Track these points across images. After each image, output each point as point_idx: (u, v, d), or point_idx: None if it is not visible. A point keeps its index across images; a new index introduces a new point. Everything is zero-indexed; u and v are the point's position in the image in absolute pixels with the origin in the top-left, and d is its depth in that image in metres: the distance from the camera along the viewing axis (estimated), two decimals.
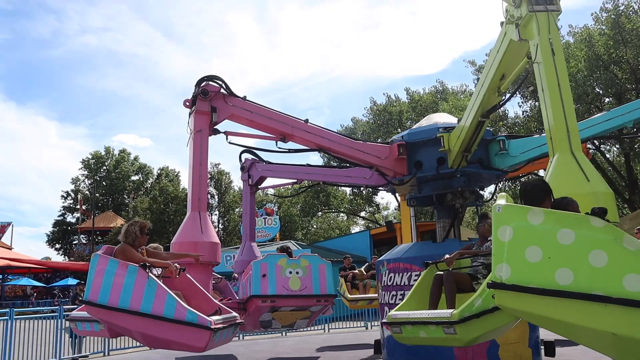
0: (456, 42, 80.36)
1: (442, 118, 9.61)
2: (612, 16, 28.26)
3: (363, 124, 42.10)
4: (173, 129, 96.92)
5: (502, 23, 6.32)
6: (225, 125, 8.16)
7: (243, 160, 9.87)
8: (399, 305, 5.48)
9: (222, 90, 7.79)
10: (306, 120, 8.33)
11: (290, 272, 7.73)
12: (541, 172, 12.65)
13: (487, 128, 8.43)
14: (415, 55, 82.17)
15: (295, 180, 9.97)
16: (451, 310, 4.49)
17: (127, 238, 5.79)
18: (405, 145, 8.52)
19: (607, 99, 29.44)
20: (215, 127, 7.92)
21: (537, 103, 31.93)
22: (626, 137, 22.02)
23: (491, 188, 12.51)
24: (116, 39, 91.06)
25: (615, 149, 32.92)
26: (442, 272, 5.46)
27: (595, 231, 3.07)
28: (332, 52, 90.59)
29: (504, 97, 7.61)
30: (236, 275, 10.27)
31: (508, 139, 8.57)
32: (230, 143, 8.48)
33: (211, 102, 7.67)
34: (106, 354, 12.84)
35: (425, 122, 9.46)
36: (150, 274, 5.35)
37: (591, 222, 3.11)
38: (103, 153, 61.97)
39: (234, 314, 5.98)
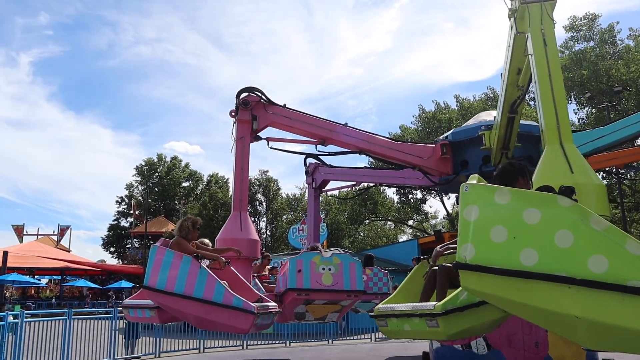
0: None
1: (490, 116, 9.44)
2: None
3: (411, 132, 41.67)
4: (222, 136, 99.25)
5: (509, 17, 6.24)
6: (269, 132, 8.77)
7: (307, 165, 10.44)
8: (387, 299, 5.40)
9: (262, 100, 8.41)
10: (345, 124, 8.74)
11: (324, 269, 8.16)
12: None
13: (537, 124, 8.37)
14: (465, 61, 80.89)
15: (354, 183, 10.38)
16: (435, 303, 4.36)
17: (181, 232, 6.38)
18: (449, 145, 8.57)
19: None
20: (257, 134, 8.53)
21: (593, 110, 30.81)
22: None
23: None
24: (167, 49, 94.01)
25: None
26: (437, 267, 5.17)
27: (562, 211, 2.93)
28: (380, 60, 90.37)
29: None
30: None
31: None
32: (271, 148, 9.10)
33: (252, 111, 8.31)
34: (157, 355, 13.14)
35: (472, 120, 9.36)
36: (201, 264, 6.01)
37: (558, 202, 2.96)
38: (155, 160, 63.74)
39: (274, 303, 6.68)
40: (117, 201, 63.29)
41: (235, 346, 15.29)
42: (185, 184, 64.38)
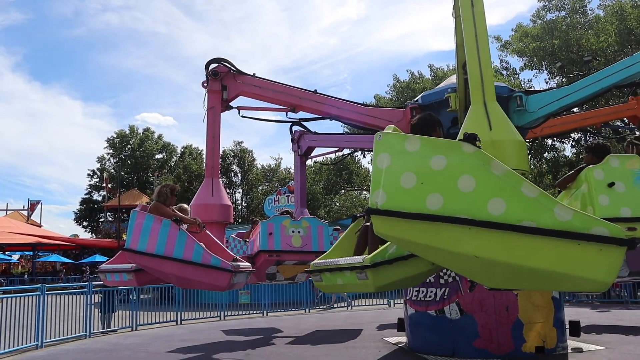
0: None
1: (452, 80, 9.57)
2: None
3: (386, 101, 41.60)
4: (195, 107, 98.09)
5: None
6: (240, 102, 9.08)
7: (293, 132, 10.70)
8: (323, 255, 5.54)
9: (231, 70, 8.65)
10: (314, 91, 8.97)
11: (293, 232, 8.68)
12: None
13: (505, 85, 8.59)
14: (439, 30, 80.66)
15: (338, 149, 10.62)
16: (364, 256, 4.51)
17: (159, 197, 6.79)
18: (419, 108, 8.82)
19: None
20: (228, 104, 8.81)
21: (564, 79, 31.20)
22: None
23: None
24: (136, 17, 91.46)
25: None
26: (369, 223, 5.15)
27: (466, 157, 3.05)
28: (354, 29, 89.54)
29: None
30: None
31: (527, 95, 8.49)
32: (242, 117, 9.41)
33: (222, 81, 8.54)
34: (134, 328, 13.15)
35: (444, 83, 9.52)
36: (180, 227, 6.43)
37: (463, 148, 3.08)
38: (128, 132, 62.63)
39: (247, 263, 7.04)
40: (88, 174, 62.21)
41: (212, 317, 15.39)
42: (158, 156, 63.53)
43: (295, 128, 10.82)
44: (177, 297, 14.80)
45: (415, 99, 9.22)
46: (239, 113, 9.32)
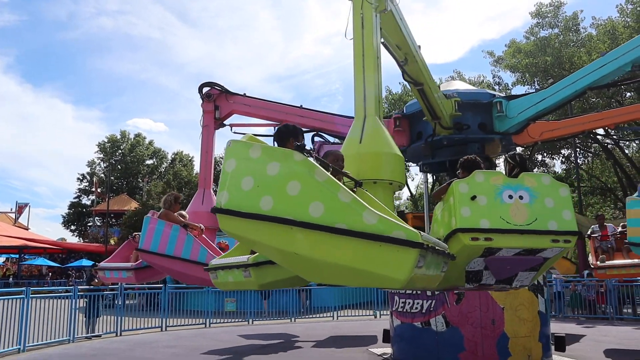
0: (474, 31, 79.26)
1: (452, 86, 9.68)
2: (638, 8, 27.70)
3: None
4: (187, 114, 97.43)
5: None
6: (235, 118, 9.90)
7: (208, 89, 9.61)
8: (224, 254, 5.84)
9: (222, 92, 9.33)
10: (300, 106, 9.47)
11: None
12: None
13: (488, 91, 8.72)
14: (433, 44, 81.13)
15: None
16: (250, 255, 4.77)
17: (165, 205, 7.68)
18: (402, 118, 9.07)
19: (628, 94, 28.96)
20: (223, 121, 9.50)
21: None
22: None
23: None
24: (131, 22, 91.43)
25: (635, 144, 32.43)
26: None
27: (295, 164, 3.39)
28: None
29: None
30: None
31: (508, 100, 8.58)
32: (234, 133, 9.93)
33: (215, 102, 9.22)
34: (118, 334, 13.02)
35: (446, 89, 9.59)
36: (188, 231, 7.41)
37: (294, 157, 3.41)
38: (119, 137, 62.37)
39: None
40: (78, 178, 61.81)
41: (198, 324, 15.28)
42: (149, 162, 63.30)
43: (316, 139, 10.24)
44: (163, 303, 14.69)
45: (402, 109, 9.40)
46: (231, 130, 9.95)
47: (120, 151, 61.75)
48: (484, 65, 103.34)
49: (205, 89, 9.30)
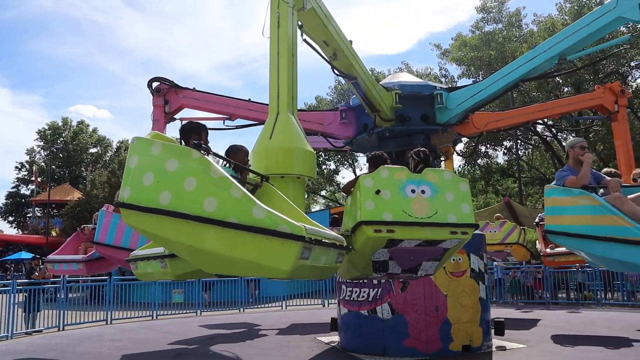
0: (423, 23, 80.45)
1: (398, 78, 9.88)
2: (576, 7, 28.86)
3: (327, 103, 42.00)
4: (133, 101, 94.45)
5: None
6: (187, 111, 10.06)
7: (157, 84, 9.59)
8: (146, 245, 5.93)
9: (172, 86, 9.40)
10: (249, 100, 9.61)
11: None
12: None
13: (430, 83, 8.99)
14: (382, 34, 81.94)
15: (229, 117, 9.75)
16: None
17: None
18: (348, 110, 9.35)
19: (566, 89, 30.21)
20: (173, 115, 9.56)
21: None
22: (582, 127, 22.71)
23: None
24: (73, 3, 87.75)
25: (572, 136, 33.90)
26: None
27: (192, 161, 3.64)
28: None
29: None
30: None
31: (448, 92, 8.83)
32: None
33: (164, 96, 9.33)
34: (61, 328, 12.65)
35: (389, 81, 9.78)
36: None
37: (191, 154, 3.68)
38: (60, 124, 60.07)
39: None
40: (16, 167, 59.14)
41: (145, 317, 15.02)
42: (92, 150, 61.28)
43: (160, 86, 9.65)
44: (108, 295, 14.35)
45: (347, 101, 9.58)
46: (181, 123, 9.94)
47: (62, 139, 59.48)
48: (431, 57, 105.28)
49: (154, 84, 9.35)
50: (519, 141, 31.92)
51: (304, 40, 6.96)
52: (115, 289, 15.03)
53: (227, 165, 4.66)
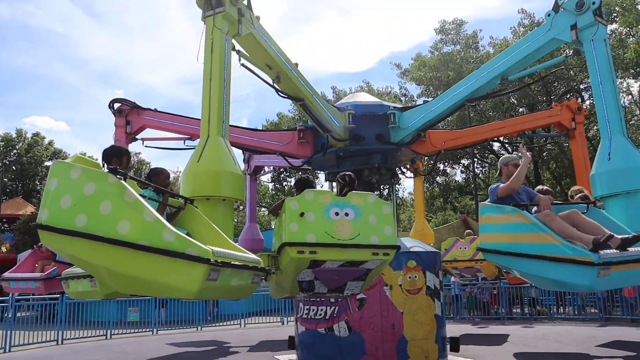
0: (384, 42, 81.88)
1: (356, 97, 10.03)
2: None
3: (289, 119, 42.12)
4: (92, 114, 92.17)
5: None
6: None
7: (119, 105, 9.64)
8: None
9: (132, 107, 9.35)
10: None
11: None
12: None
13: (384, 103, 9.16)
14: (343, 52, 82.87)
15: (190, 137, 9.72)
16: None
17: None
18: (306, 130, 9.42)
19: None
20: (135, 136, 9.53)
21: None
22: (536, 146, 23.50)
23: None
24: (30, 12, 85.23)
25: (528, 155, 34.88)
26: None
27: (108, 185, 3.83)
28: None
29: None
30: None
31: (401, 112, 8.99)
32: (146, 146, 10.03)
33: (126, 117, 9.33)
34: (7, 350, 12.16)
35: (346, 102, 9.90)
36: None
37: (108, 178, 3.86)
38: (14, 135, 58.23)
39: None
40: None
41: (98, 336, 14.61)
42: (48, 163, 59.41)
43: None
44: (60, 314, 13.90)
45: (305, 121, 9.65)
46: (142, 144, 10.05)
47: (15, 151, 57.59)
48: (392, 76, 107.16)
49: (116, 105, 9.40)
50: (476, 159, 32.71)
51: (242, 64, 7.21)
52: (67, 307, 14.57)
53: (149, 188, 4.78)
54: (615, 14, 26.93)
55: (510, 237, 5.86)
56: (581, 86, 27.55)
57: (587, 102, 26.25)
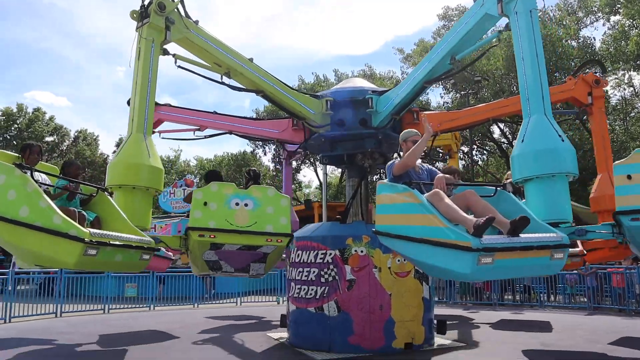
0: (389, 25, 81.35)
1: (350, 83, 10.12)
2: None
3: None
4: (93, 90, 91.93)
5: None
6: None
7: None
8: None
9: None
10: (214, 112, 10.03)
11: None
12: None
13: (365, 88, 9.26)
14: (348, 35, 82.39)
15: (198, 128, 10.09)
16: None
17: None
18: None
19: None
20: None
21: (457, 95, 33.40)
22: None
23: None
24: None
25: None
26: None
27: (14, 177, 5.13)
28: (264, 26, 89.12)
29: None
30: None
31: (379, 96, 8.98)
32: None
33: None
34: (7, 320, 12.46)
35: (328, 90, 10.02)
36: None
37: (14, 172, 5.14)
38: (15, 110, 58.18)
39: None
40: None
41: (96, 310, 14.91)
42: (49, 139, 59.38)
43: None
44: (58, 288, 14.17)
45: None
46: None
47: (16, 126, 57.62)
48: (396, 60, 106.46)
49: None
50: (475, 147, 32.81)
51: (179, 66, 7.79)
52: (66, 281, 14.85)
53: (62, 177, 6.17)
54: (619, 6, 26.82)
55: (402, 218, 5.27)
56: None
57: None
